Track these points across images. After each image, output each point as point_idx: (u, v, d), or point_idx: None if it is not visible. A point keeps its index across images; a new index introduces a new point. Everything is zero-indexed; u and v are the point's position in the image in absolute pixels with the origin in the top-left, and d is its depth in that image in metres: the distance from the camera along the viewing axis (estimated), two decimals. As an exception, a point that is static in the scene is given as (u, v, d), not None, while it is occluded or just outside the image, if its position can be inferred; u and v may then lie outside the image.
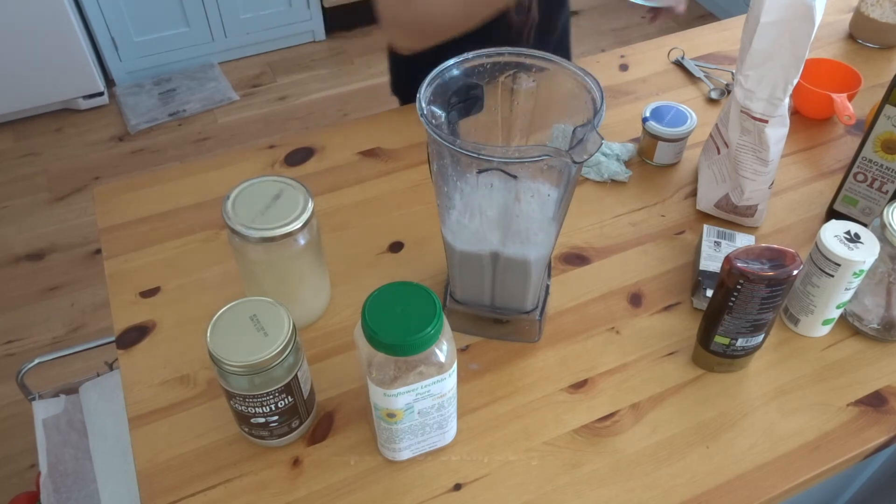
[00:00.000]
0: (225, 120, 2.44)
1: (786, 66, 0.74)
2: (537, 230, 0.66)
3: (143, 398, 0.71)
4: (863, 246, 0.68)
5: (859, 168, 0.83)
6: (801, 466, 0.66)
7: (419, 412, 0.61)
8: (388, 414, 0.60)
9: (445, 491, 0.64)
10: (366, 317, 0.54)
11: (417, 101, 0.61)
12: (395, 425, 0.61)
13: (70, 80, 2.35)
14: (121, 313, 0.78)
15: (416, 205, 0.90)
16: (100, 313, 1.86)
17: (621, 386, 0.72)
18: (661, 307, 0.79)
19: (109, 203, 0.91)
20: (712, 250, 0.80)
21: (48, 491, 0.97)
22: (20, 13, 2.12)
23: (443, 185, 0.65)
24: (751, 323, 0.67)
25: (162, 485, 0.65)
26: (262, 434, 0.65)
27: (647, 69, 1.12)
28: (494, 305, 0.74)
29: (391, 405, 0.59)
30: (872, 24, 1.15)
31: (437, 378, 0.58)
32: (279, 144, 0.99)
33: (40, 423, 1.03)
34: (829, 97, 0.97)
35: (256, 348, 0.58)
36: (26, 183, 2.22)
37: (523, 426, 0.69)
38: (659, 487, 0.65)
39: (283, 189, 0.69)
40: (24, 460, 1.57)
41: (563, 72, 0.64)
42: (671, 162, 0.96)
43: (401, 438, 0.63)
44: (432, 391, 0.59)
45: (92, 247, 2.03)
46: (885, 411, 0.70)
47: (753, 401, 0.71)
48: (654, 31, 2.80)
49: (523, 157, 0.58)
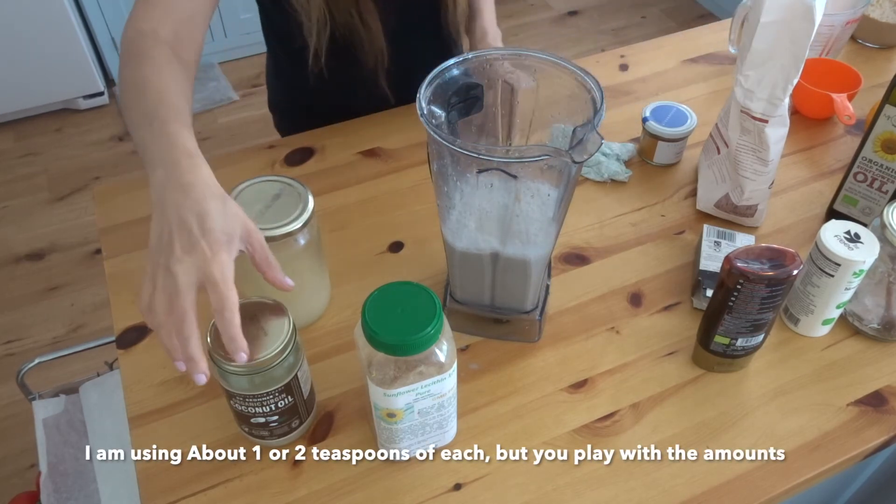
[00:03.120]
0: (225, 120, 2.44)
1: (786, 66, 0.74)
2: (537, 230, 0.66)
3: (143, 398, 0.71)
4: (863, 246, 0.68)
5: (859, 168, 0.83)
6: (801, 466, 0.66)
7: (419, 412, 0.60)
8: (388, 414, 0.60)
9: (445, 491, 0.64)
10: (366, 317, 0.54)
11: (417, 101, 0.61)
12: (395, 425, 0.61)
13: (70, 80, 2.34)
14: (121, 313, 0.78)
15: (416, 205, 0.90)
16: (100, 313, 1.86)
17: (621, 386, 0.72)
18: (661, 307, 0.79)
19: (109, 203, 0.91)
20: (712, 250, 0.80)
21: (48, 491, 0.97)
22: (20, 13, 2.11)
23: (443, 185, 0.65)
24: (751, 323, 0.67)
25: (162, 485, 0.65)
26: (262, 434, 0.65)
27: (647, 69, 1.12)
28: (494, 305, 0.74)
29: (391, 405, 0.58)
30: (872, 24, 1.15)
31: (437, 378, 0.58)
32: (279, 144, 0.99)
33: (40, 423, 1.03)
34: (829, 97, 0.97)
35: (256, 348, 0.58)
36: (26, 183, 2.22)
37: (523, 426, 0.69)
38: (659, 487, 0.65)
39: (283, 189, 0.69)
40: (24, 460, 1.57)
41: (563, 72, 0.64)
42: (671, 162, 0.96)
43: (401, 438, 0.63)
44: (432, 391, 0.59)
45: (92, 247, 2.03)
46: (885, 411, 0.70)
47: (753, 401, 0.71)
48: (654, 31, 2.80)
49: (523, 157, 0.58)
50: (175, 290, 0.52)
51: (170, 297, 0.52)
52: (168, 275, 0.53)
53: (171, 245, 0.53)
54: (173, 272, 0.52)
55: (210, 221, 0.54)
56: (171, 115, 0.61)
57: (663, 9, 2.94)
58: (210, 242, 0.53)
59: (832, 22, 1.03)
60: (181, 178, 0.56)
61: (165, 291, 0.53)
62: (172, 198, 0.55)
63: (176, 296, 0.52)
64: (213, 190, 0.56)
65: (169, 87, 0.65)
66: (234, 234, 0.55)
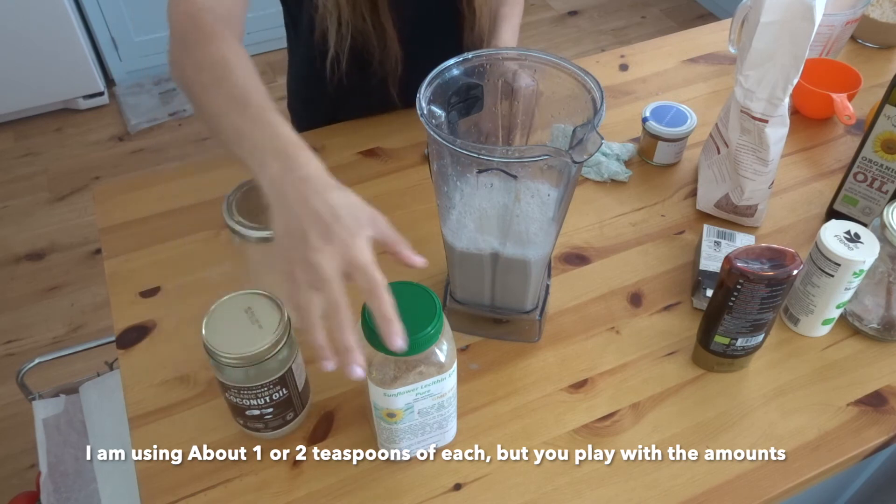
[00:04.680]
0: (225, 120, 2.44)
1: (786, 66, 0.74)
2: (537, 230, 0.66)
3: (143, 398, 0.71)
4: (863, 246, 0.68)
5: (859, 168, 0.83)
6: (802, 466, 0.66)
7: (419, 412, 0.60)
8: (387, 414, 0.60)
9: (445, 491, 0.64)
10: (366, 317, 0.54)
11: (417, 101, 0.61)
12: (394, 425, 0.61)
13: (70, 80, 2.34)
14: (121, 313, 0.78)
15: (416, 205, 0.90)
16: (100, 313, 1.86)
17: (621, 386, 0.72)
18: (661, 307, 0.79)
19: (109, 203, 0.91)
20: (712, 250, 0.80)
21: (48, 491, 0.97)
22: (20, 13, 2.11)
23: (443, 185, 0.65)
24: (751, 323, 0.67)
25: (162, 485, 0.65)
26: (257, 426, 0.65)
27: (647, 69, 1.12)
28: (494, 305, 0.74)
29: (391, 405, 0.58)
30: (872, 24, 1.15)
31: (437, 378, 0.58)
32: (279, 144, 0.99)
33: (40, 423, 1.03)
34: (829, 97, 0.97)
35: (251, 340, 0.59)
36: (26, 183, 2.22)
37: (523, 426, 0.69)
38: (659, 487, 0.65)
39: (283, 189, 0.69)
40: (24, 460, 1.57)
41: (563, 72, 0.64)
42: (671, 162, 0.96)
43: (401, 438, 0.63)
44: (432, 391, 0.59)
45: (92, 247, 2.03)
46: (885, 411, 0.70)
47: (753, 401, 0.71)
48: (654, 31, 2.80)
49: (523, 157, 0.58)
50: (321, 280, 0.50)
51: (318, 289, 0.50)
52: (309, 267, 0.50)
53: (304, 238, 0.51)
54: (314, 263, 0.50)
55: (340, 209, 0.52)
56: (265, 102, 0.59)
57: (663, 9, 2.93)
58: (346, 228, 0.51)
59: (832, 22, 1.03)
60: (300, 170, 0.54)
61: (311, 284, 0.51)
62: (295, 191, 0.53)
63: (324, 285, 0.50)
64: (332, 181, 0.55)
65: (251, 69, 0.62)
66: (362, 220, 0.54)
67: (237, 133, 0.58)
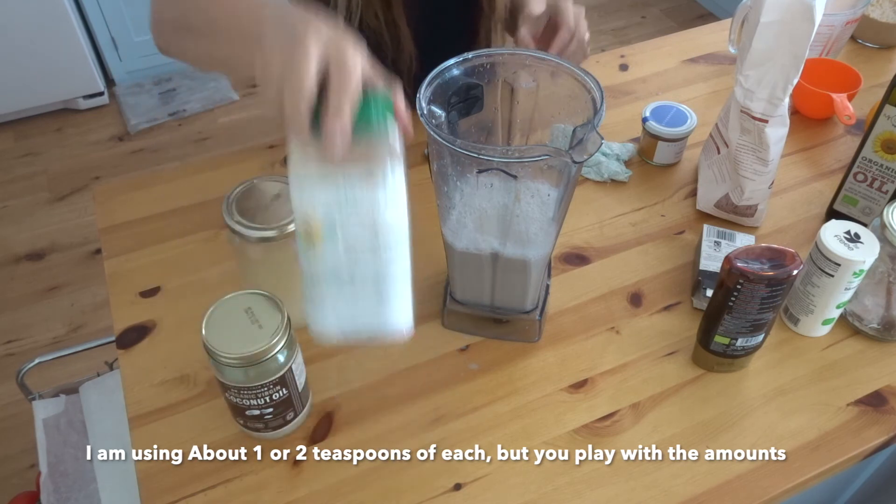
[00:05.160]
0: (225, 120, 2.44)
1: (786, 66, 0.74)
2: (537, 230, 0.66)
3: (143, 398, 0.71)
4: (863, 246, 0.68)
5: (859, 168, 0.83)
6: (801, 466, 0.66)
7: (344, 242, 0.48)
8: (306, 232, 0.49)
9: (445, 491, 0.64)
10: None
11: (417, 101, 0.61)
12: (315, 262, 0.49)
13: (70, 80, 2.34)
14: (121, 313, 0.78)
15: (416, 205, 0.90)
16: (100, 313, 1.86)
17: (621, 386, 0.72)
18: (661, 307, 0.79)
19: (109, 203, 0.91)
20: (712, 250, 0.80)
21: (48, 491, 0.97)
22: (20, 13, 2.11)
23: (443, 185, 0.65)
24: (751, 323, 0.67)
25: (162, 485, 0.65)
26: (257, 427, 0.65)
27: (647, 69, 1.12)
28: (494, 305, 0.74)
29: (309, 212, 0.48)
30: (872, 24, 1.15)
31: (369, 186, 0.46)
32: (279, 144, 0.99)
33: (40, 423, 1.03)
34: (829, 97, 0.97)
35: (251, 340, 0.59)
36: (26, 183, 2.22)
37: (523, 426, 0.69)
38: (659, 487, 0.65)
39: (283, 189, 0.69)
40: (24, 460, 1.57)
41: (563, 72, 0.64)
42: (671, 162, 0.96)
43: (323, 287, 0.50)
44: (361, 201, 0.46)
45: (92, 247, 2.03)
46: (885, 411, 0.70)
47: (753, 401, 0.71)
48: (654, 31, 2.80)
49: (523, 157, 0.58)
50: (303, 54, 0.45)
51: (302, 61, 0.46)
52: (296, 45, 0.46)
53: (292, 28, 0.47)
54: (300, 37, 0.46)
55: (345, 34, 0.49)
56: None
57: (663, 9, 2.94)
58: (337, 25, 0.48)
59: (832, 22, 1.03)
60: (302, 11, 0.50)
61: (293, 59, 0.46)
62: (297, 14, 0.50)
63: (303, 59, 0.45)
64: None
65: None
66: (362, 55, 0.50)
67: (221, 15, 0.57)
